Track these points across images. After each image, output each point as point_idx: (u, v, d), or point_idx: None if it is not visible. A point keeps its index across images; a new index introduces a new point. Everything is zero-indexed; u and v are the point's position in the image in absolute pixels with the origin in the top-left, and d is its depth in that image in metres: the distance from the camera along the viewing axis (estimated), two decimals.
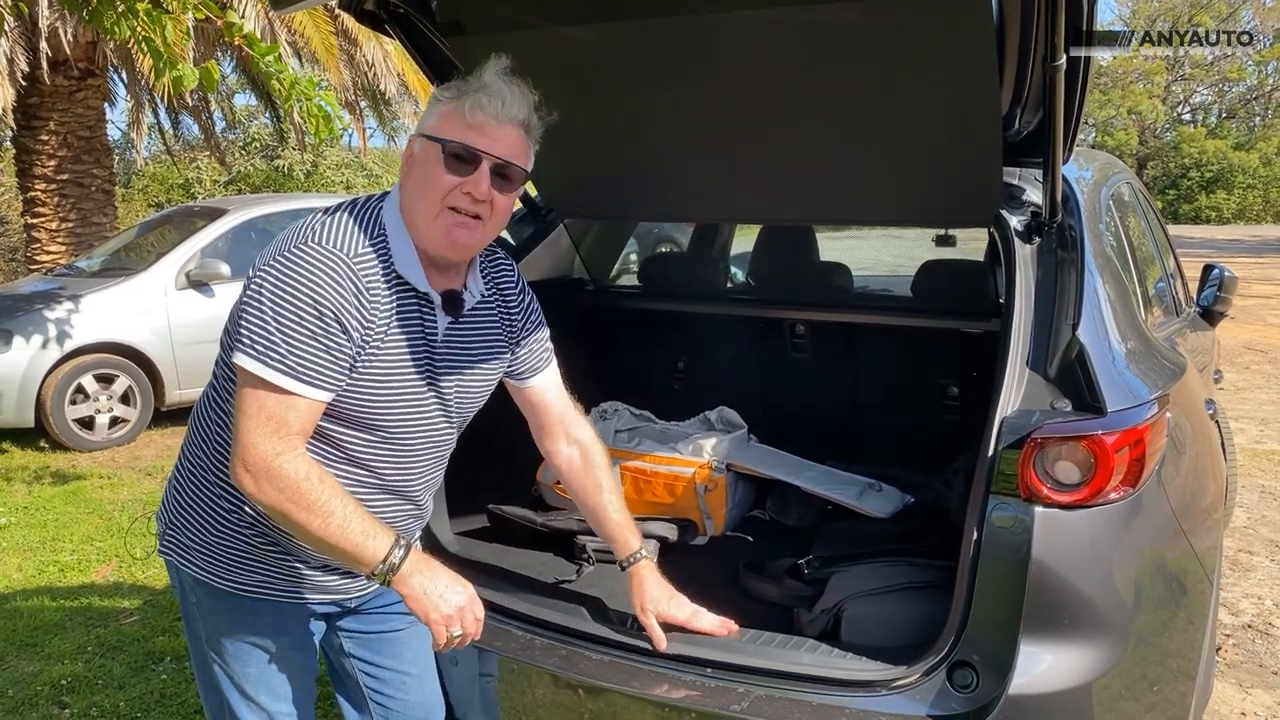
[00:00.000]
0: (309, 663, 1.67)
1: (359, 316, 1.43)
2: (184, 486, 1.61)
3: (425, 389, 1.55)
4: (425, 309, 1.54)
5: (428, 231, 1.49)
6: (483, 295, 1.65)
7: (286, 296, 1.39)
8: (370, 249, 1.47)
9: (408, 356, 1.52)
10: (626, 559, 1.93)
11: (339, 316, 1.41)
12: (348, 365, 1.44)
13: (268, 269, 1.42)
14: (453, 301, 1.57)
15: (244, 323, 1.40)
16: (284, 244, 1.44)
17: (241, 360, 1.40)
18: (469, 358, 1.62)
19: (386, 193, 1.57)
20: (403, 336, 1.51)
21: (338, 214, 1.50)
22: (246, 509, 1.54)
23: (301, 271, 1.40)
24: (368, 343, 1.46)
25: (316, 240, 1.43)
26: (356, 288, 1.43)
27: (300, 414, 1.41)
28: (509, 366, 1.75)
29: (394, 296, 1.49)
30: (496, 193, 1.49)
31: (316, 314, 1.39)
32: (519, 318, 1.74)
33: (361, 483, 1.56)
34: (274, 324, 1.38)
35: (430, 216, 1.48)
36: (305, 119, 4.35)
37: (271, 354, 1.38)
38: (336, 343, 1.41)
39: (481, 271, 1.66)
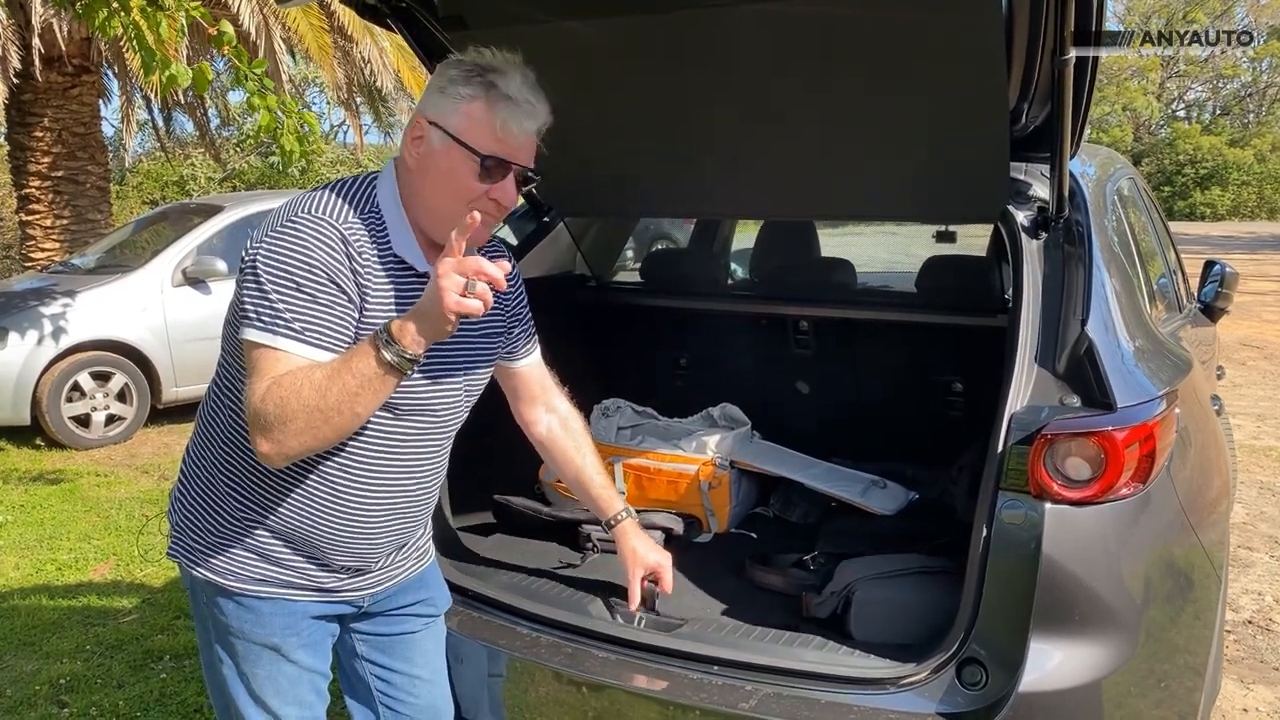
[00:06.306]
0: (320, 666, 1.65)
1: (352, 279, 1.43)
2: (189, 486, 1.61)
3: (431, 370, 1.54)
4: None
5: (447, 227, 1.43)
6: None
7: (279, 263, 1.39)
8: (362, 225, 1.46)
9: None
10: (611, 519, 2.01)
11: (332, 276, 1.41)
12: (350, 325, 1.43)
13: (259, 245, 1.42)
14: None
15: (244, 299, 1.41)
16: (273, 221, 1.45)
17: (246, 334, 1.40)
18: (471, 337, 1.63)
19: (374, 174, 1.55)
20: None
21: (324, 191, 1.50)
22: (255, 506, 1.53)
23: (291, 238, 1.41)
24: (366, 315, 1.45)
25: (306, 210, 1.44)
26: (348, 253, 1.43)
27: None
28: (505, 349, 1.78)
29: (390, 277, 1.48)
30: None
31: (309, 274, 1.39)
32: (511, 302, 1.76)
33: (366, 477, 1.54)
34: (272, 291, 1.38)
35: (453, 215, 1.45)
36: (277, 140, 4.47)
37: (276, 322, 1.38)
38: (335, 300, 1.41)
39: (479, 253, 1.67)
